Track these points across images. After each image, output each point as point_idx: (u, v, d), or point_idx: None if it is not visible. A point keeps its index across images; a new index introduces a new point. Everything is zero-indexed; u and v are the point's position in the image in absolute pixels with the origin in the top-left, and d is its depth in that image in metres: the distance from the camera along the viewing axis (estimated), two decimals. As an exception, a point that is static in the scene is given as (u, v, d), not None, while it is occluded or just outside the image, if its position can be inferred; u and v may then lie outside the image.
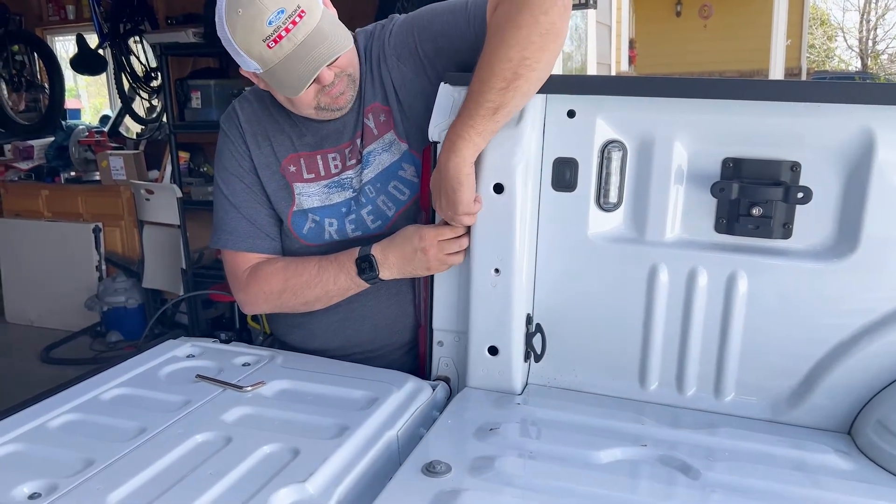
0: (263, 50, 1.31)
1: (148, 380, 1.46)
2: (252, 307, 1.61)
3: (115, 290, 4.84)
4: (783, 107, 1.25)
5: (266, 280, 1.55)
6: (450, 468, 1.11)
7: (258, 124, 1.57)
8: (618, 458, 1.18)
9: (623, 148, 1.36)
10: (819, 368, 1.30)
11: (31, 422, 1.27)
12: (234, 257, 1.60)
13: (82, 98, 8.50)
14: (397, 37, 1.50)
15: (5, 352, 4.85)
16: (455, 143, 1.31)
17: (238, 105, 1.60)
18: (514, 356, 1.42)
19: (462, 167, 1.31)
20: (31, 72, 6.33)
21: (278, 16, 1.29)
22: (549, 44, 1.28)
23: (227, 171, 1.59)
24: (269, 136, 1.57)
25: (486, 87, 1.27)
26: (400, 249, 1.45)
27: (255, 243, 1.58)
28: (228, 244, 1.59)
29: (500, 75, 1.26)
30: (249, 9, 1.30)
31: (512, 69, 1.26)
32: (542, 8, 1.26)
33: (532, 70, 1.27)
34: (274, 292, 1.55)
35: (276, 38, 1.30)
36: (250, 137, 1.57)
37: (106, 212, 5.06)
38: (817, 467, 1.18)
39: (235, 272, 1.60)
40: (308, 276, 1.51)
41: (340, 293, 1.52)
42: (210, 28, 4.42)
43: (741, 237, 1.32)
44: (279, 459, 1.14)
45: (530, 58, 1.26)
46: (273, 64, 1.33)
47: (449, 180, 1.32)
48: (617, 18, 7.04)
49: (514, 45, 1.26)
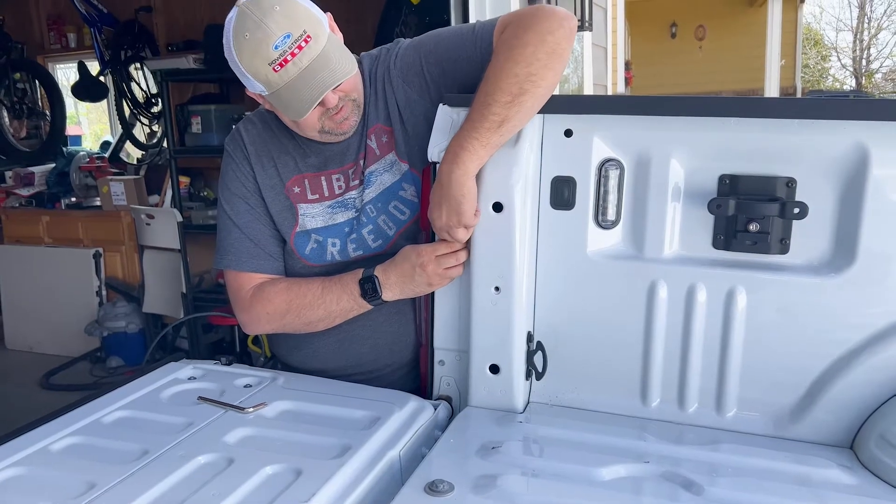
0: (269, 73, 1.33)
1: (150, 402, 1.46)
2: (254, 328, 1.61)
3: (116, 315, 4.83)
4: (778, 124, 1.27)
5: (269, 301, 1.55)
6: (452, 487, 1.11)
7: (262, 145, 1.59)
8: (621, 475, 1.18)
9: (620, 166, 1.37)
10: (820, 383, 1.30)
11: (34, 445, 1.27)
12: (237, 278, 1.60)
13: (83, 124, 8.56)
14: (403, 59, 1.52)
15: (5, 378, 4.83)
16: (459, 154, 1.33)
17: (242, 127, 1.62)
18: (515, 374, 1.42)
19: (465, 179, 1.33)
20: (33, 99, 6.36)
21: (284, 40, 1.31)
22: (553, 63, 1.33)
23: (230, 192, 1.60)
24: (274, 158, 1.58)
25: (491, 101, 1.31)
26: (400, 268, 1.46)
27: (259, 264, 1.59)
28: (232, 265, 1.59)
29: (506, 90, 1.30)
30: (256, 33, 1.32)
31: (518, 84, 1.30)
32: (549, 28, 1.33)
33: (537, 87, 1.32)
34: (277, 313, 1.55)
35: (281, 62, 1.32)
36: (255, 159, 1.58)
37: (106, 237, 5.07)
38: (820, 482, 1.18)
39: (238, 293, 1.60)
40: (311, 298, 1.52)
41: (343, 314, 1.53)
42: (210, 54, 4.48)
43: (739, 253, 1.33)
44: (282, 480, 1.14)
45: (535, 74, 1.31)
46: (278, 87, 1.35)
47: (452, 191, 1.34)
48: (612, 41, 7.12)
49: (520, 61, 1.31)
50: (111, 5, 5.67)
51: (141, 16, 5.56)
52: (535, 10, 1.38)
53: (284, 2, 1.34)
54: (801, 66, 12.01)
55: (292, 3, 1.35)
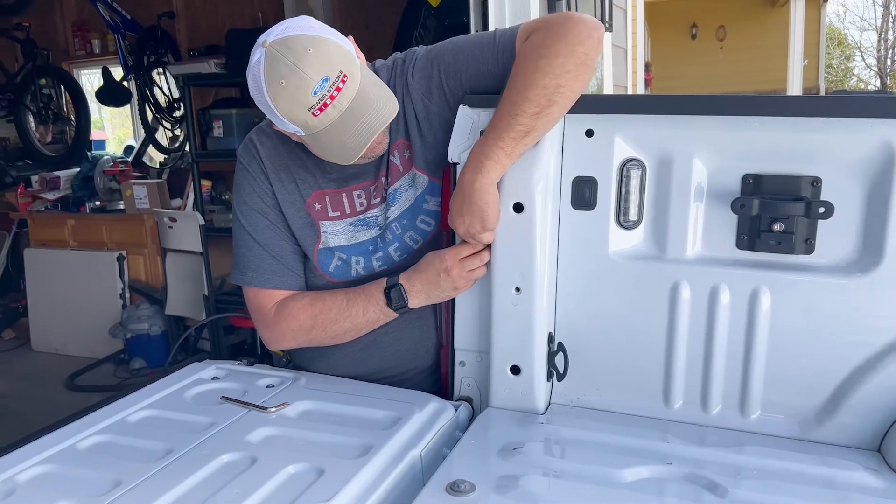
0: (308, 118, 1.29)
1: (174, 401, 1.47)
2: (279, 344, 1.59)
3: (139, 317, 4.89)
4: (803, 122, 1.25)
5: (294, 317, 1.53)
6: (474, 487, 1.10)
7: (279, 160, 1.54)
8: (643, 477, 1.17)
9: (642, 166, 1.36)
10: (846, 385, 1.29)
11: (61, 443, 1.29)
12: (259, 295, 1.57)
13: (106, 129, 8.67)
14: (421, 71, 1.49)
15: (32, 379, 4.91)
16: (483, 163, 1.32)
17: (256, 138, 1.57)
18: (536, 375, 1.42)
19: (489, 187, 1.33)
20: (58, 105, 6.47)
21: (322, 84, 1.27)
22: (582, 73, 1.32)
23: (248, 207, 1.56)
24: (293, 172, 1.54)
25: (518, 111, 1.29)
26: (424, 275, 1.45)
27: (282, 280, 1.56)
28: (254, 282, 1.56)
29: (534, 101, 1.29)
30: (292, 79, 1.26)
31: (547, 96, 1.29)
32: (579, 38, 1.31)
33: (565, 98, 1.31)
34: (303, 328, 1.53)
35: (321, 106, 1.28)
36: (273, 173, 1.54)
37: (130, 240, 5.13)
38: (847, 485, 1.16)
39: (261, 310, 1.57)
40: (336, 311, 1.50)
41: (370, 325, 1.51)
42: (231, 59, 4.52)
43: (763, 253, 1.32)
44: (304, 479, 1.15)
45: (564, 86, 1.30)
46: (317, 130, 1.32)
47: (475, 199, 1.33)
48: (632, 42, 7.09)
49: (549, 72, 1.29)
50: (134, 11, 5.75)
51: (163, 21, 5.63)
52: (565, 18, 1.36)
53: (316, 41, 1.28)
54: (824, 66, 11.86)
55: (323, 42, 1.29)
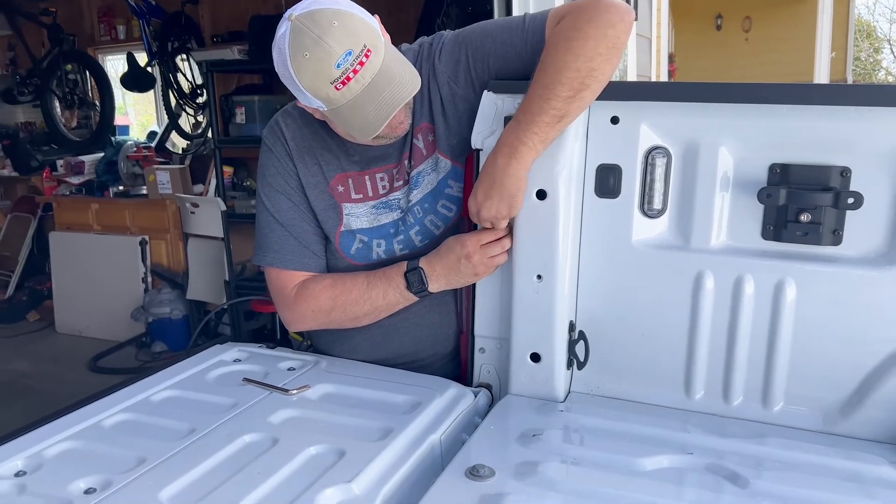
0: (331, 92, 1.29)
1: (197, 382, 1.49)
2: (299, 325, 1.60)
3: (160, 301, 4.95)
4: (832, 111, 1.23)
5: (315, 298, 1.54)
6: (493, 472, 1.11)
7: (304, 141, 1.55)
8: (663, 466, 1.17)
9: (667, 154, 1.35)
10: (872, 379, 1.27)
11: (87, 421, 1.31)
12: (280, 275, 1.58)
13: (130, 115, 8.75)
14: (448, 55, 1.48)
15: (55, 360, 4.99)
16: (517, 148, 1.31)
17: (282, 120, 1.58)
18: (556, 363, 1.41)
19: (522, 173, 1.33)
20: (84, 90, 6.54)
21: (346, 58, 1.27)
22: (613, 57, 1.31)
23: (272, 188, 1.57)
24: (317, 155, 1.55)
25: (551, 95, 1.29)
26: (445, 260, 1.45)
27: (304, 262, 1.57)
28: (276, 262, 1.57)
29: (567, 84, 1.28)
30: (316, 52, 1.27)
31: (580, 79, 1.28)
32: (611, 22, 1.30)
33: (597, 81, 1.30)
34: (323, 310, 1.54)
35: (344, 79, 1.27)
36: (297, 155, 1.55)
37: (152, 225, 5.19)
38: (871, 479, 1.15)
39: (283, 290, 1.58)
40: (357, 293, 1.51)
41: (389, 308, 1.52)
42: (254, 45, 4.54)
43: (789, 244, 1.30)
44: (325, 460, 1.16)
45: (597, 69, 1.29)
46: (339, 105, 1.32)
47: (506, 185, 1.33)
48: (657, 33, 7.01)
49: (581, 55, 1.28)
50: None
51: (187, 7, 5.66)
52: (595, 2, 1.34)
53: (341, 15, 1.29)
54: (852, 58, 11.65)
55: (349, 17, 1.29)
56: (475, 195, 1.38)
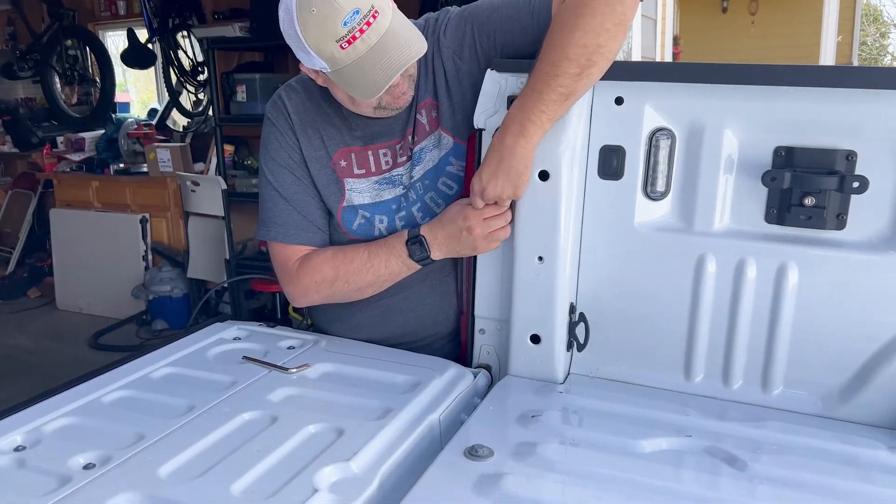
0: (336, 51, 1.29)
1: (196, 360, 1.49)
2: (303, 299, 1.59)
3: (161, 279, 4.95)
4: (839, 94, 1.22)
5: (318, 270, 1.53)
6: (492, 452, 1.11)
7: (307, 115, 1.55)
8: (662, 448, 1.17)
9: (672, 136, 1.34)
10: (873, 364, 1.27)
11: (86, 397, 1.31)
12: (284, 250, 1.57)
13: (131, 92, 8.69)
14: (454, 30, 1.48)
15: (56, 337, 5.01)
16: (526, 127, 1.30)
17: (285, 94, 1.58)
18: (556, 345, 1.41)
19: (530, 152, 1.31)
20: (84, 66, 6.49)
21: (353, 16, 1.27)
22: (619, 34, 1.29)
23: (275, 163, 1.56)
24: (320, 129, 1.55)
25: (559, 72, 1.27)
26: (447, 229, 1.44)
27: (308, 236, 1.56)
28: (280, 237, 1.56)
29: (574, 61, 1.26)
30: (324, 8, 1.27)
31: (587, 56, 1.26)
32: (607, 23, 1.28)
33: (604, 58, 1.28)
34: (326, 281, 1.53)
35: (349, 39, 1.27)
36: (300, 129, 1.54)
37: (153, 203, 5.18)
38: (869, 463, 1.15)
39: (286, 264, 1.58)
40: (359, 263, 1.50)
41: (392, 277, 1.51)
42: (256, 23, 4.50)
43: (792, 228, 1.29)
44: (324, 439, 1.16)
45: (604, 46, 1.27)
46: (343, 65, 1.31)
47: (514, 163, 1.32)
48: (662, 14, 6.94)
49: (589, 31, 1.26)
50: (160, -27, 5.73)
51: (188, -17, 5.61)
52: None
53: None
54: (858, 42, 11.55)
55: None
56: (480, 175, 1.36)
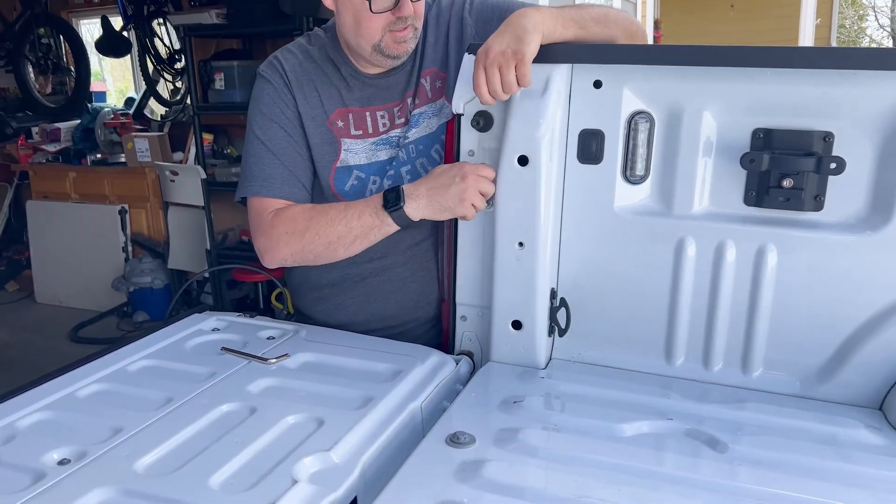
0: None
1: (174, 352, 1.47)
2: (273, 252, 1.51)
3: (142, 270, 4.90)
4: (816, 75, 1.22)
5: (292, 220, 1.49)
6: (474, 439, 1.11)
7: (304, 75, 1.54)
8: (643, 432, 1.18)
9: (651, 119, 1.33)
10: (850, 343, 1.28)
11: (61, 391, 1.29)
12: (263, 203, 1.52)
13: (107, 81, 8.56)
14: (480, 13, 1.54)
15: (35, 330, 4.94)
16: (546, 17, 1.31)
17: (281, 55, 1.56)
18: (537, 331, 1.41)
19: (538, 25, 1.30)
20: (58, 55, 6.36)
21: None
22: (623, 38, 1.42)
23: (265, 117, 1.53)
24: (317, 88, 1.54)
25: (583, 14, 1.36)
26: (435, 180, 1.40)
27: (291, 191, 1.53)
28: (262, 191, 1.52)
29: (587, 18, 1.37)
30: None
31: (601, 37, 1.39)
32: (635, 23, 1.50)
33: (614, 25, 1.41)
34: (297, 232, 1.47)
35: None
36: (296, 86, 1.53)
37: (132, 193, 5.11)
38: (847, 442, 1.16)
39: (261, 215, 1.52)
40: (334, 213, 1.46)
41: (365, 232, 1.44)
42: (233, 9, 4.42)
43: (771, 210, 1.29)
44: (304, 429, 1.15)
45: (613, 28, 1.41)
46: None
47: (522, 24, 1.29)
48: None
49: (605, 35, 1.41)
50: (134, -42, 5.62)
51: (163, -31, 5.51)
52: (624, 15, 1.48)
53: None
54: (836, 25, 11.62)
55: None
56: (487, 41, 1.32)
